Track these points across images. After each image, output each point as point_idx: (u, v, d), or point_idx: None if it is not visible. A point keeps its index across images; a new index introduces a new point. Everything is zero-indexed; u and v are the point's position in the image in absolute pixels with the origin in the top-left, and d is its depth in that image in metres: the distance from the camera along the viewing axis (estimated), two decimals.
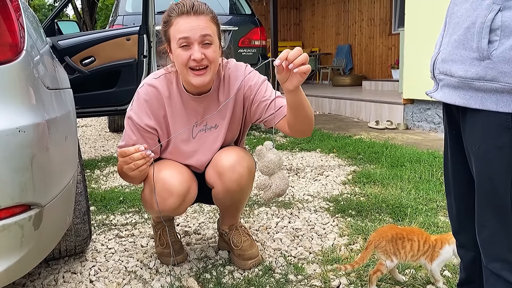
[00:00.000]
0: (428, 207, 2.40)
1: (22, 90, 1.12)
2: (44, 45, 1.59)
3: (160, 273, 1.82)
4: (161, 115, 1.67)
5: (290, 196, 2.77)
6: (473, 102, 0.94)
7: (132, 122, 1.66)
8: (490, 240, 1.01)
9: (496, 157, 0.93)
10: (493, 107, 0.91)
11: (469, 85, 0.95)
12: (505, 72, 0.88)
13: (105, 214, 2.54)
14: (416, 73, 4.97)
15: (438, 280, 1.60)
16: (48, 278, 1.79)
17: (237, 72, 1.70)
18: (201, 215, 2.49)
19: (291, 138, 4.77)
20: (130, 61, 3.80)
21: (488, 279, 1.05)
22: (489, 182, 0.97)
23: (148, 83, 1.67)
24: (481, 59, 0.91)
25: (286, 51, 1.36)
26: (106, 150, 4.62)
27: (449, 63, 1.00)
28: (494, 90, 0.90)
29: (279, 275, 1.76)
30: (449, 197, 1.21)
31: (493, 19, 0.89)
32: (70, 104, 1.64)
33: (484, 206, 1.00)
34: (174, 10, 1.55)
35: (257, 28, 5.46)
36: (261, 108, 1.68)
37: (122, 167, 1.55)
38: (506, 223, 0.97)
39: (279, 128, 1.66)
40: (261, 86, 1.69)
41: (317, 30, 12.16)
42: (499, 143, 0.91)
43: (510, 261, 0.98)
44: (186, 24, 1.52)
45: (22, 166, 1.07)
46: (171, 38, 1.56)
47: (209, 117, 1.70)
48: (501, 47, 0.88)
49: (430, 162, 3.31)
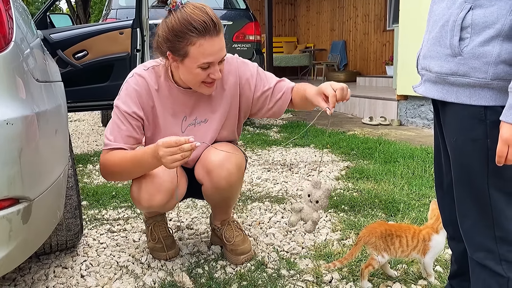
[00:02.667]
0: (421, 202, 2.41)
1: (10, 82, 1.11)
2: (35, 38, 1.57)
3: (152, 268, 1.81)
4: (149, 106, 1.64)
5: (283, 192, 2.76)
6: (449, 96, 1.00)
7: (119, 111, 1.60)
8: (472, 230, 1.04)
9: (472, 149, 0.96)
10: (467, 101, 0.96)
11: (444, 80, 1.01)
12: (475, 67, 0.94)
13: (97, 208, 2.53)
14: (410, 70, 4.94)
15: (431, 274, 1.60)
16: (38, 272, 1.78)
17: (230, 66, 1.69)
18: (193, 210, 2.48)
19: (285, 133, 4.76)
20: (123, 55, 3.78)
21: (474, 270, 1.08)
22: (466, 173, 1.01)
23: (138, 73, 1.64)
24: (453, 55, 0.97)
25: (333, 97, 1.43)
26: (99, 145, 4.59)
27: (428, 59, 1.05)
28: (467, 84, 0.96)
29: (271, 270, 1.76)
30: (440, 190, 1.22)
31: (464, 17, 0.95)
32: (61, 97, 1.62)
33: (464, 197, 1.04)
34: (195, 28, 1.44)
35: (251, 23, 5.43)
36: (263, 99, 1.72)
37: (163, 156, 1.42)
38: (486, 213, 1.00)
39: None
40: (257, 76, 1.71)
41: (312, 25, 12.14)
42: (474, 135, 0.96)
43: (493, 250, 1.01)
44: (211, 48, 1.47)
45: (10, 159, 1.05)
46: (189, 56, 1.49)
47: (199, 111, 1.69)
48: (471, 44, 0.94)
49: (423, 158, 3.32)
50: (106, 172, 1.62)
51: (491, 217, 1.00)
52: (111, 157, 1.58)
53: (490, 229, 1.01)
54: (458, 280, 1.27)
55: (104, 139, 1.61)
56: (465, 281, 1.21)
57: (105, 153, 1.60)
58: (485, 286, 1.05)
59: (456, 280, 1.28)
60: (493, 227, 1.01)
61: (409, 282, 1.62)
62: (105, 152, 1.60)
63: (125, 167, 1.57)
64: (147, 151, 1.51)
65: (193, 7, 1.47)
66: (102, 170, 1.62)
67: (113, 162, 1.58)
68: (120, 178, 1.68)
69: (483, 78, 0.93)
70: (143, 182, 1.63)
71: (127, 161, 1.56)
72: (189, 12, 1.46)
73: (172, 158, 1.42)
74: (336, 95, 1.44)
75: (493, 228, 1.01)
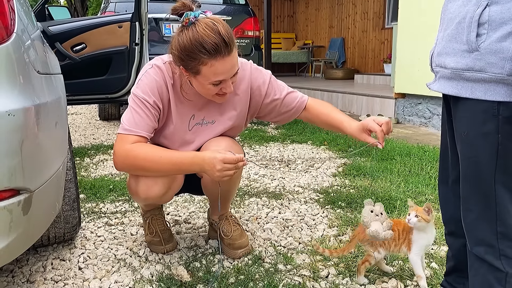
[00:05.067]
0: (417, 200, 2.42)
1: (12, 73, 1.11)
2: (35, 30, 1.57)
3: (150, 261, 1.81)
4: (166, 99, 1.62)
5: (281, 187, 2.78)
6: (464, 91, 1.01)
7: (139, 100, 1.56)
8: (475, 224, 1.06)
9: (482, 143, 0.98)
10: (482, 96, 0.98)
11: (460, 76, 1.02)
12: (492, 63, 0.95)
13: (95, 202, 2.53)
14: (408, 68, 4.99)
15: (420, 275, 1.52)
16: (36, 264, 1.79)
17: (243, 72, 1.69)
18: (191, 205, 2.48)
19: (283, 130, 4.77)
20: (121, 48, 3.77)
21: (473, 265, 1.09)
22: (474, 167, 1.02)
23: (157, 65, 1.62)
24: (470, 51, 0.98)
25: (381, 132, 1.48)
26: (96, 138, 4.59)
27: (443, 56, 1.06)
28: (483, 80, 0.97)
29: (268, 264, 1.77)
30: (444, 185, 1.23)
31: (481, 14, 0.96)
32: (60, 90, 1.62)
33: (470, 191, 1.05)
34: (206, 50, 1.42)
35: (250, 18, 5.43)
36: (272, 106, 1.74)
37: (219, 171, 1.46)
38: (490, 207, 1.02)
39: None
40: (269, 84, 1.72)
41: (311, 22, 12.13)
42: (485, 130, 0.97)
43: (494, 245, 1.03)
44: (223, 68, 1.46)
45: (11, 150, 1.06)
46: (201, 74, 1.49)
47: (208, 112, 1.70)
48: (488, 40, 0.95)
49: (420, 156, 3.34)
50: (127, 164, 1.55)
51: (495, 212, 1.02)
52: (141, 151, 1.52)
53: (492, 224, 1.03)
54: (455, 276, 1.28)
55: (123, 126, 1.55)
56: (462, 277, 1.22)
57: (126, 142, 1.53)
58: (483, 280, 1.07)
59: (453, 276, 1.29)
60: (495, 222, 1.02)
61: (404, 278, 1.64)
62: (125, 139, 1.53)
63: (161, 167, 1.53)
64: (188, 157, 1.52)
65: (205, 27, 1.43)
66: (123, 161, 1.54)
67: (144, 157, 1.52)
68: (141, 173, 1.60)
69: (499, 74, 0.94)
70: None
71: (166, 162, 1.51)
72: (201, 32, 1.42)
73: (226, 173, 1.48)
74: (383, 130, 1.48)
75: (495, 223, 1.02)
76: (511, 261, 1.03)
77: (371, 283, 1.61)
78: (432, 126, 4.81)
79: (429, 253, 1.82)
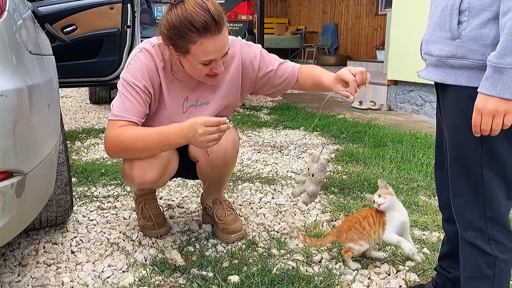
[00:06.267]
0: (409, 186, 2.44)
1: (3, 53, 1.08)
2: (27, 10, 1.53)
3: (143, 245, 1.81)
4: (157, 83, 1.60)
5: (274, 173, 2.78)
6: (448, 78, 1.03)
7: (129, 84, 1.55)
8: (464, 208, 1.08)
9: (468, 129, 0.99)
10: (465, 83, 1.00)
11: (444, 63, 1.04)
12: (473, 49, 0.97)
13: (87, 186, 2.51)
14: (401, 55, 4.98)
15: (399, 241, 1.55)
16: (28, 248, 1.77)
17: (233, 49, 1.67)
18: (184, 189, 2.48)
19: (276, 116, 4.76)
20: (113, 30, 3.70)
21: (464, 248, 1.11)
22: (461, 153, 1.04)
23: (146, 48, 1.59)
24: (453, 39, 1.00)
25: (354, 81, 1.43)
26: (87, 122, 4.54)
27: (430, 43, 1.09)
28: (465, 66, 0.99)
29: (262, 249, 1.77)
30: (440, 171, 1.24)
31: (462, 1, 0.98)
32: (52, 71, 1.59)
33: (458, 176, 1.07)
34: (195, 28, 1.40)
35: (244, 2, 5.36)
36: (266, 79, 1.72)
37: (202, 135, 1.42)
38: (478, 192, 1.03)
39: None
40: (261, 58, 1.70)
41: (304, 7, 12.03)
42: (470, 116, 0.98)
43: (483, 229, 1.05)
44: (213, 46, 1.44)
45: (4, 132, 1.04)
46: (190, 53, 1.46)
47: (201, 93, 1.68)
48: (469, 27, 0.97)
49: (412, 143, 3.36)
50: (118, 147, 1.53)
51: (483, 196, 1.04)
52: (130, 132, 1.51)
53: (481, 209, 1.04)
54: (449, 262, 1.30)
55: (113, 112, 1.54)
56: (456, 262, 1.24)
57: (117, 127, 1.51)
58: (473, 264, 1.09)
59: (447, 261, 1.31)
60: (484, 207, 1.04)
61: (397, 264, 1.65)
62: (115, 125, 1.52)
63: (149, 144, 1.51)
64: (172, 129, 1.48)
65: (195, 4, 1.40)
66: (114, 145, 1.52)
67: (133, 137, 1.51)
68: (133, 155, 1.59)
69: (481, 60, 0.96)
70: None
71: (153, 138, 1.50)
72: (190, 10, 1.40)
73: (210, 137, 1.43)
74: (356, 80, 1.43)
75: (484, 207, 1.04)
76: (500, 245, 1.05)
77: (363, 268, 1.63)
78: (424, 114, 4.83)
79: (421, 239, 1.84)
